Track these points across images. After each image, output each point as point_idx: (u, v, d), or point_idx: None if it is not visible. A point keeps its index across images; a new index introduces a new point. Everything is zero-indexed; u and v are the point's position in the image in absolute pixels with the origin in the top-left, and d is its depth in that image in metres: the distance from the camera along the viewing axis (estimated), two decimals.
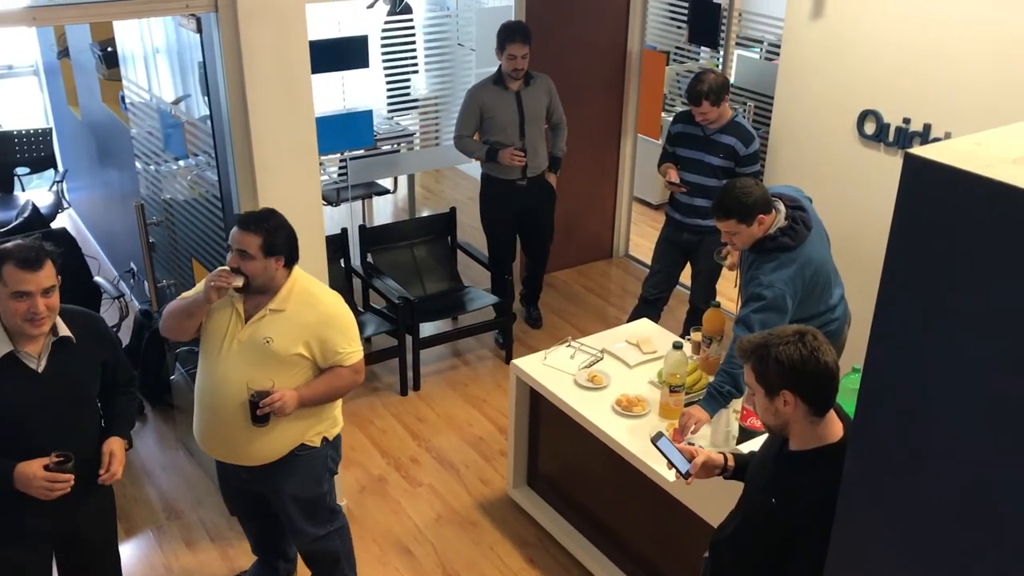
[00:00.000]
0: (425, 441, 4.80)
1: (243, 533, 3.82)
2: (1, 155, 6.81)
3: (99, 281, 5.15)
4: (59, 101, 6.98)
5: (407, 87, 6.03)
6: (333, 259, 5.11)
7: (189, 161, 4.14)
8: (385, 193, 7.17)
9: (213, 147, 3.68)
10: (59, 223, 6.44)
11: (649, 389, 3.78)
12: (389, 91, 5.99)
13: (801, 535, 2.33)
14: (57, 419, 2.82)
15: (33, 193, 6.93)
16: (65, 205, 7.01)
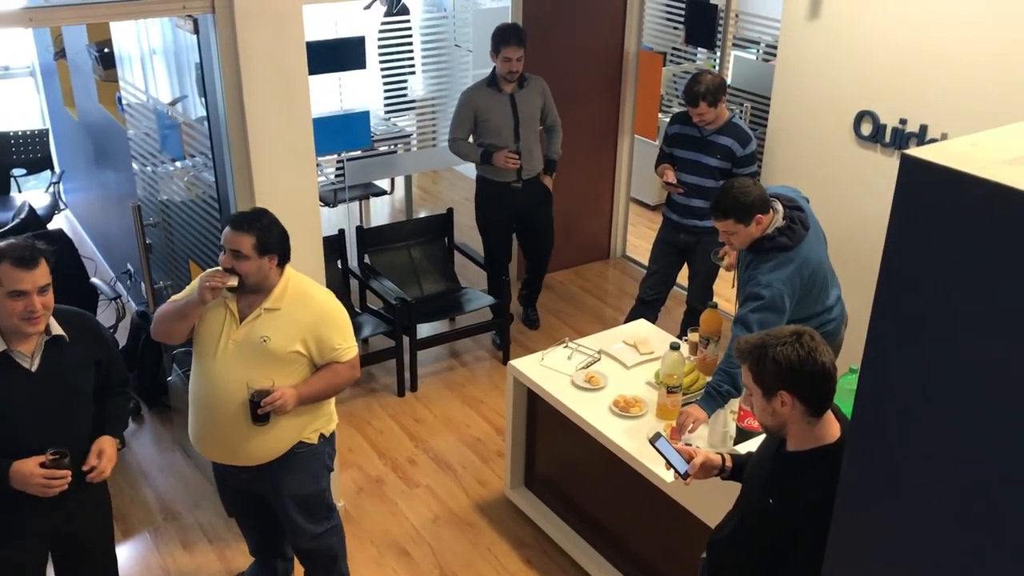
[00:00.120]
0: (422, 442, 4.80)
1: (240, 534, 3.81)
2: None
3: (96, 282, 5.14)
4: (55, 102, 6.97)
5: (404, 88, 6.03)
6: (330, 260, 5.09)
7: (186, 162, 4.13)
8: (382, 194, 7.17)
9: (210, 148, 3.68)
10: (56, 224, 6.44)
11: (646, 390, 3.79)
12: (386, 92, 6.00)
13: (799, 535, 2.33)
14: (51, 418, 2.82)
15: (29, 194, 6.93)
16: (62, 206, 6.99)
